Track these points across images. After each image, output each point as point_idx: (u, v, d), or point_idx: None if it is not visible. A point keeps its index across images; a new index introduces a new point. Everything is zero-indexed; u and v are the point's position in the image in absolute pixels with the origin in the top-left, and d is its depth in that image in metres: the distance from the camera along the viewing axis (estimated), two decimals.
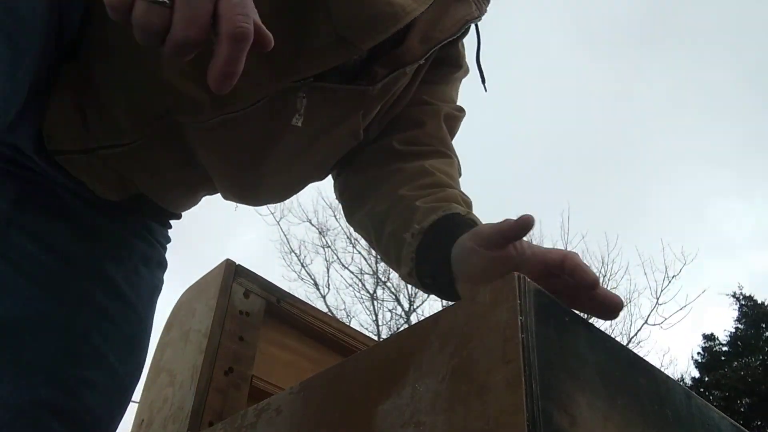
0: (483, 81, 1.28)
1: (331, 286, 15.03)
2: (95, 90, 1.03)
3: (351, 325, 1.75)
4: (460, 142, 1.30)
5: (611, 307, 0.88)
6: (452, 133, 1.31)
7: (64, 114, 1.03)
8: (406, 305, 14.77)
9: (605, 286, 0.93)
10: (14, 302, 1.02)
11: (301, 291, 14.50)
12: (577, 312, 0.82)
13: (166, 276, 1.37)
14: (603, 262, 14.36)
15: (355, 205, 1.28)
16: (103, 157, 1.06)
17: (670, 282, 13.75)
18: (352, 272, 15.17)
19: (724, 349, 14.07)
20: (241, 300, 1.46)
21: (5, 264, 1.03)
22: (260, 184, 1.16)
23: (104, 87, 1.03)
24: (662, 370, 0.86)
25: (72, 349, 1.06)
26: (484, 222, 1.06)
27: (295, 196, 1.28)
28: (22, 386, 0.99)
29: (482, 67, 1.27)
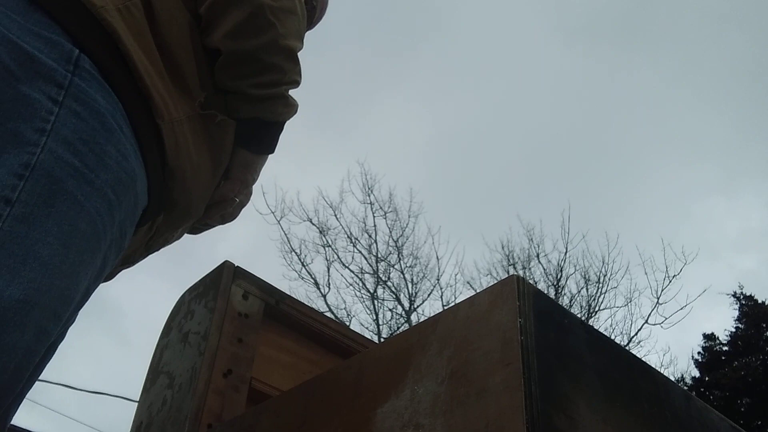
0: None
1: (331, 286, 15.02)
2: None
3: (351, 325, 1.75)
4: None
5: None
6: None
7: None
8: (407, 304, 14.77)
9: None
10: None
11: (302, 290, 14.51)
12: (576, 314, 0.82)
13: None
14: (603, 262, 14.34)
15: None
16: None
17: (670, 282, 13.74)
18: (352, 271, 15.17)
19: (725, 348, 14.05)
20: (240, 302, 1.46)
21: None
22: None
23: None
24: (662, 369, 0.86)
25: None
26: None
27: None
28: None
29: None
